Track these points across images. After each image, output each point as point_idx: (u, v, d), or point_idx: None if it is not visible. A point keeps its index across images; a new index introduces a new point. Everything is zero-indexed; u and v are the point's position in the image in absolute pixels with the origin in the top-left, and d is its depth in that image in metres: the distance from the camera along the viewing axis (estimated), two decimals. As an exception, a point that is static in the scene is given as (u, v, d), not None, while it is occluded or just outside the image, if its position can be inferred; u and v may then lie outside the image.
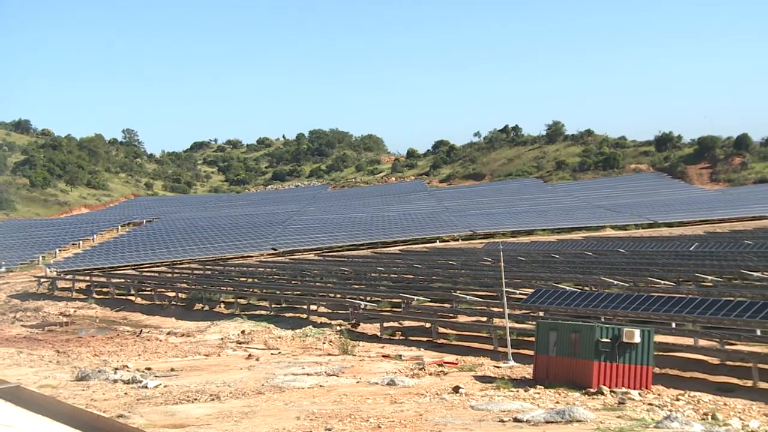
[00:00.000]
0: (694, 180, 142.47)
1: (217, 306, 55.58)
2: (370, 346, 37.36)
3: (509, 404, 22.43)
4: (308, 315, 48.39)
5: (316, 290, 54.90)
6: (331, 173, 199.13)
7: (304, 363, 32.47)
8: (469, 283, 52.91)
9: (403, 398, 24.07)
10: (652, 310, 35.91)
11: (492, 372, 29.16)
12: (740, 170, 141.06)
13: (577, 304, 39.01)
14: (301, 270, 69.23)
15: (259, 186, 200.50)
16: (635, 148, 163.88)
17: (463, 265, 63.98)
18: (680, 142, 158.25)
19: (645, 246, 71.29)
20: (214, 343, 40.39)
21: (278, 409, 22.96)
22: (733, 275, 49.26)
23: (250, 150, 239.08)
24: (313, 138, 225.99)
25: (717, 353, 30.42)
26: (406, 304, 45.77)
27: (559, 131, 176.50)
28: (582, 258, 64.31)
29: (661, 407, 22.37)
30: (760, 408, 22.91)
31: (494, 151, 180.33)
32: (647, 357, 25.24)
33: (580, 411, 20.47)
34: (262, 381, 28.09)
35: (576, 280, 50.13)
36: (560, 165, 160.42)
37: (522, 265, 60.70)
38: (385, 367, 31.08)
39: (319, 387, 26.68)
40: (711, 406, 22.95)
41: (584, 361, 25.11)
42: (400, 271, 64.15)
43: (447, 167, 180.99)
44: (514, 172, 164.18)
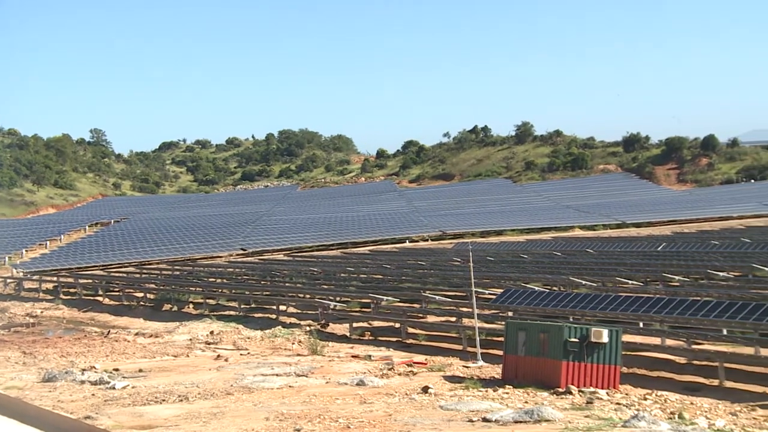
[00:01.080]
0: (662, 180, 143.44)
1: (186, 306, 55.34)
2: (339, 347, 37.33)
3: (478, 404, 22.47)
4: (277, 315, 48.27)
5: (285, 291, 54.77)
6: (301, 173, 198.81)
7: (273, 363, 32.38)
8: (438, 284, 52.97)
9: (372, 398, 24.06)
10: (620, 310, 36.10)
11: (461, 372, 29.20)
12: (707, 171, 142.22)
13: (545, 304, 39.15)
14: (270, 270, 69.06)
15: (228, 186, 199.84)
16: (603, 149, 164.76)
17: (432, 266, 64.06)
18: (648, 143, 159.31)
19: (613, 246, 71.67)
20: (183, 344, 40.19)
21: (247, 410, 22.88)
22: (700, 275, 49.60)
23: (219, 150, 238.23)
24: (282, 138, 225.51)
25: (684, 353, 30.63)
26: (376, 305, 45.76)
27: (528, 132, 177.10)
28: (551, 258, 64.56)
29: (629, 406, 22.50)
30: (726, 407, 23.09)
31: (464, 152, 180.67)
32: (615, 357, 25.37)
33: (549, 411, 20.54)
34: (230, 382, 27.98)
35: (545, 280, 50.31)
36: (529, 165, 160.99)
37: (491, 266, 60.85)
38: (354, 367, 31.06)
39: (289, 387, 26.61)
40: (678, 405, 23.11)
41: (553, 360, 25.21)
42: (370, 271, 64.12)
43: (416, 167, 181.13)
44: (483, 173, 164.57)
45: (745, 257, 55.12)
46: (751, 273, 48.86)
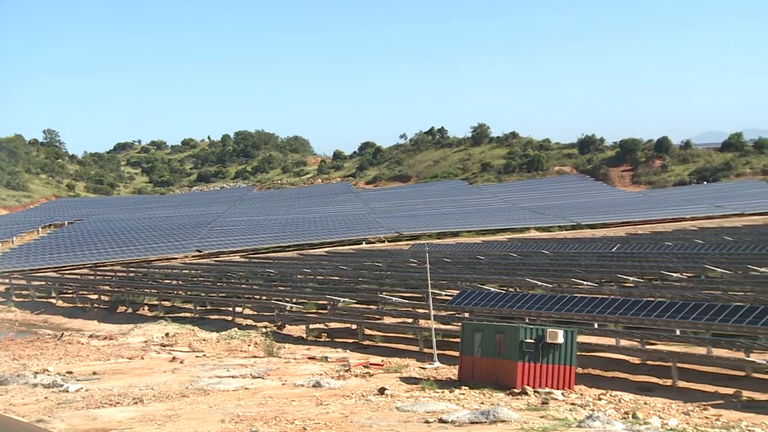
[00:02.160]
0: (616, 182, 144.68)
1: (141, 308, 54.97)
2: (295, 348, 37.26)
3: (434, 405, 22.52)
4: (233, 317, 48.07)
5: (241, 292, 54.57)
6: (257, 174, 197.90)
7: (229, 365, 32.24)
8: (395, 285, 53.01)
9: (328, 400, 24.03)
10: (575, 310, 36.34)
11: (417, 373, 29.24)
12: (661, 173, 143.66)
13: (501, 305, 39.30)
14: (226, 272, 68.77)
15: (183, 187, 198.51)
16: (559, 151, 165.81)
17: (389, 267, 64.09)
18: (603, 145, 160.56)
19: (568, 247, 72.13)
20: (138, 346, 39.89)
21: (202, 412, 22.77)
22: (654, 276, 50.07)
23: (174, 151, 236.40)
24: (238, 139, 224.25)
25: (638, 353, 30.91)
26: (332, 306, 45.72)
27: (485, 133, 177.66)
28: (507, 259, 64.84)
29: (584, 407, 22.66)
30: (678, 406, 23.32)
31: (420, 153, 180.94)
32: (570, 357, 25.54)
33: (505, 411, 20.64)
34: (186, 384, 27.81)
35: (501, 281, 50.51)
36: (485, 167, 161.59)
37: (447, 267, 60.99)
38: (310, 369, 31.01)
39: (245, 389, 26.51)
40: (632, 405, 23.31)
41: (508, 361, 25.33)
42: (326, 272, 64.03)
43: (373, 169, 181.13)
44: (439, 174, 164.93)
45: (697, 258, 55.71)
46: (703, 274, 49.40)
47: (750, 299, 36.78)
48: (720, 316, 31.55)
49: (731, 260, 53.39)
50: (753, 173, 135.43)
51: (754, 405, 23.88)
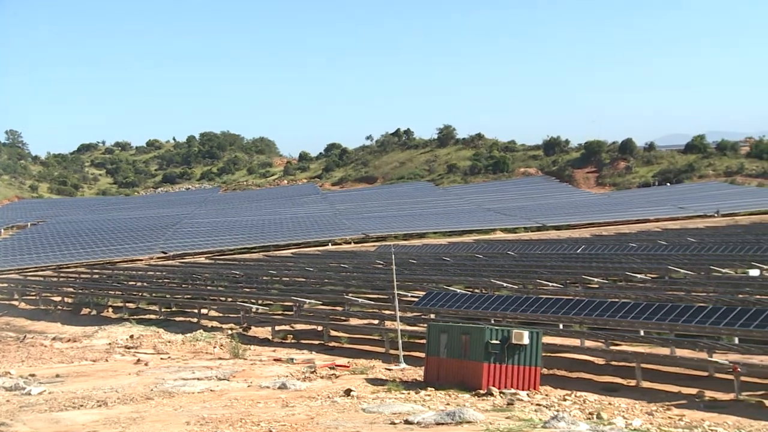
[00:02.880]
0: (581, 184, 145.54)
1: (105, 310, 54.59)
2: (261, 350, 37.14)
3: (400, 406, 22.52)
4: (199, 319, 47.87)
5: (206, 294, 54.39)
6: (223, 176, 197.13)
7: (194, 367, 32.07)
8: (361, 286, 52.99)
9: (294, 402, 23.97)
10: (540, 311, 36.50)
11: (383, 374, 29.24)
12: (625, 174, 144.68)
13: (467, 306, 39.38)
14: (191, 273, 68.48)
15: (148, 189, 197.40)
16: (524, 152, 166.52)
17: (355, 268, 64.07)
18: (568, 147, 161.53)
19: (534, 248, 72.45)
20: (102, 348, 39.58)
21: (167, 415, 22.63)
22: (618, 277, 50.38)
23: (139, 152, 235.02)
24: (204, 140, 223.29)
25: (602, 354, 31.10)
26: (298, 308, 45.63)
27: (451, 135, 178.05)
28: (473, 260, 65.02)
29: (549, 407, 22.76)
30: (642, 407, 23.48)
31: (386, 155, 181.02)
32: (535, 358, 25.64)
33: (470, 412, 20.67)
34: (151, 386, 27.63)
35: (467, 283, 50.62)
36: (451, 168, 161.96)
37: (414, 268, 61.06)
38: (276, 370, 30.91)
39: (210, 391, 26.38)
40: (596, 405, 23.44)
41: (474, 362, 25.38)
42: (292, 274, 63.93)
43: (339, 170, 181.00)
44: (406, 176, 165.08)
45: (661, 259, 56.15)
46: (667, 275, 49.79)
47: (712, 300, 37.12)
48: (683, 316, 31.82)
49: (694, 261, 53.87)
50: (716, 175, 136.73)
51: (717, 405, 24.10)
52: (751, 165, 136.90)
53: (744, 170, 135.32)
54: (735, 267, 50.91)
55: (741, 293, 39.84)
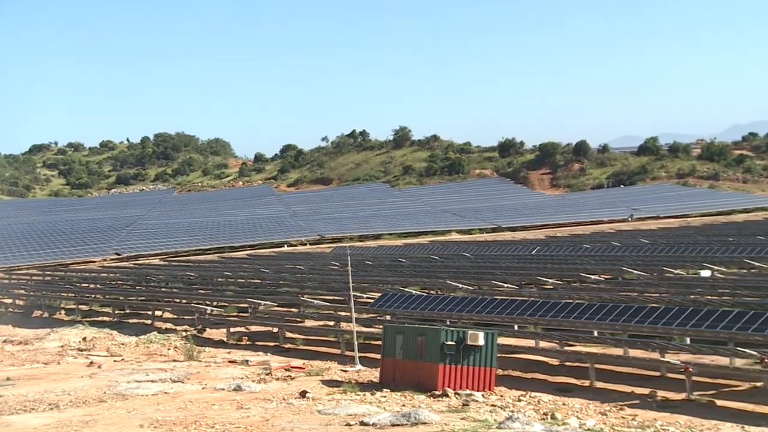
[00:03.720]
0: (536, 185, 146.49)
1: (57, 313, 54.04)
2: (216, 352, 36.96)
3: (356, 408, 22.54)
4: (153, 321, 47.55)
5: (161, 296, 54.04)
6: (177, 177, 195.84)
7: (148, 370, 31.84)
8: (316, 288, 52.88)
9: (249, 404, 23.90)
10: (495, 312, 36.64)
11: (339, 376, 29.23)
12: (579, 176, 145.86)
13: (423, 307, 39.44)
14: (145, 275, 67.98)
15: (102, 190, 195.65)
16: (480, 154, 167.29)
17: (310, 270, 63.95)
18: (522, 148, 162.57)
19: (489, 250, 72.73)
20: (54, 351, 39.15)
21: (121, 417, 22.47)
22: (573, 278, 50.70)
23: (92, 153, 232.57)
24: (158, 141, 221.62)
25: (557, 354, 31.31)
26: (253, 309, 45.46)
27: (406, 136, 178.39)
28: (428, 262, 65.13)
29: (504, 408, 22.88)
30: (596, 407, 23.67)
31: (342, 156, 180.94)
32: (491, 359, 25.74)
33: (425, 413, 20.73)
34: (104, 389, 27.41)
35: (422, 284, 50.69)
36: (407, 170, 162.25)
37: (369, 270, 61.04)
38: (231, 372, 30.78)
39: (164, 394, 26.23)
40: (551, 406, 23.60)
41: (430, 363, 25.44)
42: (248, 275, 63.68)
43: (295, 172, 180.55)
44: (361, 177, 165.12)
45: (615, 260, 56.59)
46: (620, 276, 50.20)
47: (665, 300, 37.48)
48: (636, 317, 32.10)
49: (647, 262, 54.38)
50: (668, 177, 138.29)
51: (669, 404, 24.35)
52: (703, 167, 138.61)
53: (696, 172, 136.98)
54: (687, 268, 51.46)
55: (692, 294, 40.27)
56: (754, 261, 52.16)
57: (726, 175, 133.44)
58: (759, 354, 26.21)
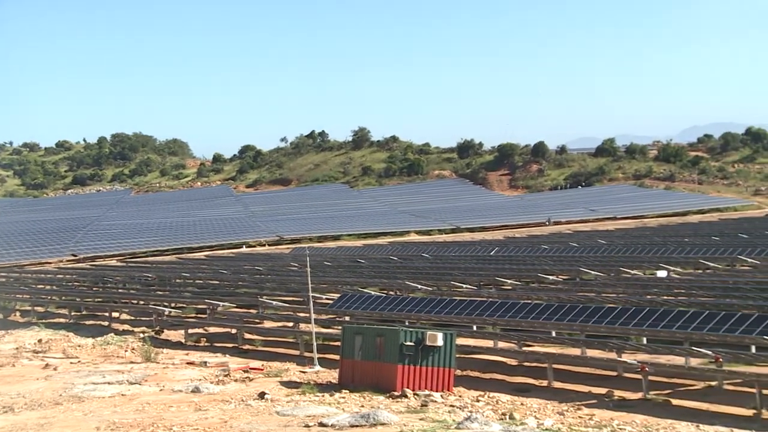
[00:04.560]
0: (495, 186, 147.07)
1: (12, 314, 53.47)
2: (174, 354, 36.73)
3: (315, 409, 22.50)
4: (110, 322, 47.17)
5: (118, 297, 53.70)
6: (135, 178, 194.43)
7: (105, 371, 31.58)
8: (275, 289, 52.77)
9: (207, 405, 23.78)
10: (454, 313, 36.77)
11: (298, 377, 29.18)
12: (537, 177, 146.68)
13: (382, 308, 39.48)
14: (102, 276, 67.51)
15: (58, 190, 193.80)
16: (438, 155, 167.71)
17: (269, 271, 63.79)
18: (481, 149, 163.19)
19: (448, 251, 72.92)
20: (9, 353, 38.70)
21: (77, 420, 22.27)
22: (531, 279, 50.98)
23: (48, 153, 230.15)
24: (115, 141, 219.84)
25: (515, 354, 31.45)
26: (212, 311, 45.25)
27: (365, 137, 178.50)
28: (387, 263, 65.20)
29: (462, 408, 22.94)
30: (554, 407, 23.81)
31: (301, 157, 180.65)
32: (449, 360, 25.80)
33: (384, 414, 20.74)
34: (59, 391, 27.14)
35: (381, 285, 50.75)
36: (366, 171, 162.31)
37: (328, 270, 61.02)
38: (189, 374, 30.61)
39: (121, 396, 26.03)
40: (509, 406, 23.70)
41: (389, 364, 25.46)
42: (206, 276, 63.41)
43: (254, 172, 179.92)
44: (320, 178, 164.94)
45: (572, 261, 57.01)
46: (578, 276, 50.59)
47: (622, 301, 37.81)
48: (594, 317, 32.36)
49: (604, 263, 54.79)
50: (625, 178, 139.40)
51: (625, 404, 24.56)
52: (659, 168, 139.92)
53: (652, 173, 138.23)
54: (643, 268, 51.95)
55: (649, 294, 40.66)
56: (709, 261, 52.78)
57: (682, 177, 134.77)
58: (713, 353, 26.49)
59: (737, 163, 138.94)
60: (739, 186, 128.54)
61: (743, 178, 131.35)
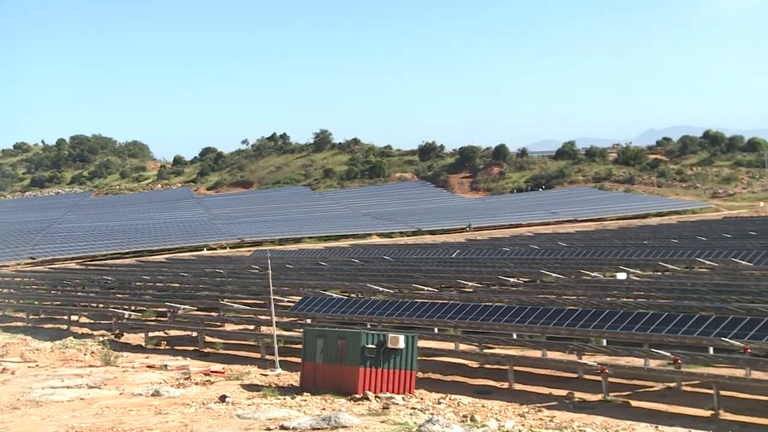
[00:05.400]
0: (456, 189, 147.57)
1: (-31, 318, 52.80)
2: (134, 357, 36.48)
3: (276, 412, 22.44)
4: (69, 326, 46.75)
5: (77, 300, 53.22)
6: (94, 180, 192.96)
7: (63, 375, 31.29)
8: (236, 292, 52.57)
9: (168, 409, 23.64)
10: (415, 316, 36.81)
11: (259, 380, 29.09)
12: (498, 179, 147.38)
13: (343, 311, 39.46)
14: (61, 279, 66.90)
15: (16, 193, 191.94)
16: (400, 157, 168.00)
17: (230, 273, 63.54)
18: (443, 152, 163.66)
19: (409, 253, 73.02)
20: (-34, 358, 38.24)
21: (35, 425, 22.05)
22: (492, 281, 51.13)
23: (5, 155, 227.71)
24: (74, 143, 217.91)
25: (476, 357, 31.52)
26: (172, 314, 44.97)
27: (327, 140, 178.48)
28: (349, 265, 65.17)
29: (424, 411, 22.98)
30: (515, 408, 23.91)
31: (262, 159, 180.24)
32: (411, 362, 25.84)
33: (346, 417, 20.74)
34: (17, 395, 26.85)
35: (343, 287, 50.71)
36: (328, 173, 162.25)
37: (290, 273, 60.88)
38: (149, 377, 30.42)
39: (80, 400, 25.81)
40: (470, 408, 23.78)
41: (350, 367, 25.45)
42: (166, 279, 63.02)
43: (215, 174, 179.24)
44: (282, 180, 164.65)
45: (533, 263, 57.27)
46: (539, 278, 50.81)
47: (582, 303, 38.01)
48: (554, 319, 32.54)
49: (565, 265, 55.10)
50: (585, 180, 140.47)
51: (586, 406, 24.71)
52: (619, 171, 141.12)
53: (612, 176, 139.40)
54: (603, 270, 52.31)
55: (609, 296, 40.92)
56: (668, 264, 53.23)
57: (641, 179, 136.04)
58: (672, 355, 26.73)
59: (695, 166, 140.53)
60: (698, 189, 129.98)
61: (701, 181, 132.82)
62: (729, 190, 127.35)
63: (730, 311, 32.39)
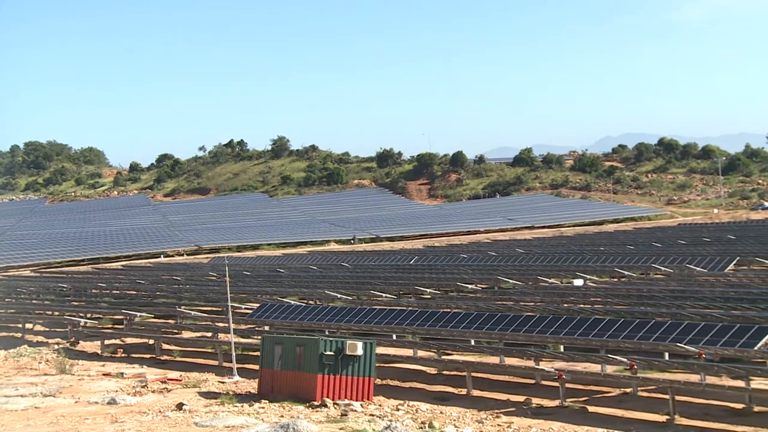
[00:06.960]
0: (414, 195, 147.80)
1: None
2: (90, 365, 36.16)
3: (234, 419, 22.35)
4: (23, 334, 46.26)
5: (32, 308, 52.68)
6: (49, 187, 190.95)
7: (18, 384, 30.95)
8: (194, 299, 52.31)
9: (124, 417, 23.45)
10: (374, 322, 36.83)
11: (217, 387, 28.95)
12: (456, 186, 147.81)
13: (302, 317, 39.41)
14: (15, 287, 66.18)
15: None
16: (358, 164, 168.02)
17: (188, 281, 63.20)
18: (401, 159, 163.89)
19: (368, 260, 73.03)
20: None
21: (-11, 435, 21.77)
22: (450, 288, 51.29)
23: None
24: (28, 150, 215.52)
25: (434, 363, 31.60)
26: (129, 321, 44.63)
27: (285, 146, 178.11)
28: (307, 272, 65.07)
29: (382, 417, 22.99)
30: (473, 415, 23.98)
31: (220, 166, 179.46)
32: (369, 369, 25.85)
33: (304, 424, 20.69)
34: (-30, 406, 26.49)
35: (301, 294, 50.63)
36: (285, 180, 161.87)
37: (248, 280, 60.67)
38: (105, 385, 30.17)
39: (35, 408, 25.54)
40: (429, 414, 23.82)
41: (308, 374, 25.41)
42: (123, 287, 62.57)
43: (172, 181, 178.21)
44: (239, 187, 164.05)
45: (491, 270, 57.49)
46: (497, 285, 51.03)
47: (540, 309, 38.25)
48: (512, 326, 32.69)
49: (522, 272, 55.40)
50: (542, 187, 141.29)
51: (543, 411, 24.85)
52: (575, 178, 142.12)
53: (569, 183, 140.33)
54: (561, 277, 52.68)
55: (566, 302, 41.22)
56: (624, 270, 53.69)
57: (597, 186, 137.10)
58: (629, 361, 26.95)
59: (651, 173, 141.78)
60: (653, 195, 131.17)
61: (656, 187, 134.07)
62: (684, 196, 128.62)
63: (685, 317, 32.73)
